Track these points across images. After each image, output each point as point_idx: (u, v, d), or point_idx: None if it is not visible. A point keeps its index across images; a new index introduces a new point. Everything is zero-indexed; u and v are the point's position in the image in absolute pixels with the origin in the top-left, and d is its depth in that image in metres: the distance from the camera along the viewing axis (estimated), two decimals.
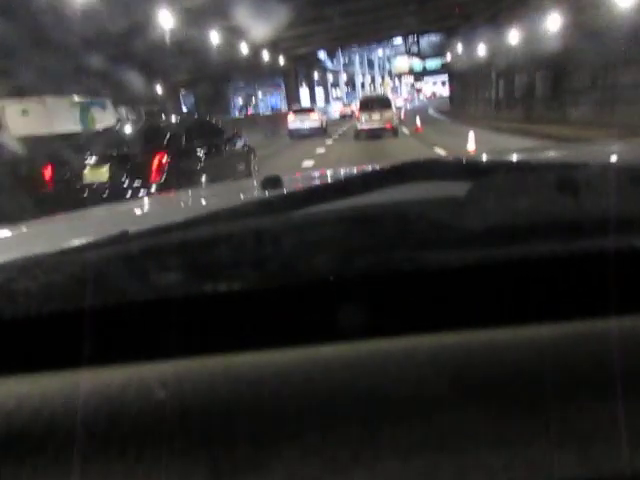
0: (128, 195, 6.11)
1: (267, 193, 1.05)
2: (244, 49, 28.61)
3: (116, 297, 0.46)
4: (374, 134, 17.86)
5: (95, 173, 6.36)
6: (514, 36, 20.55)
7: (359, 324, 0.44)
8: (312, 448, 0.38)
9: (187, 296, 0.46)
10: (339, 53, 60.87)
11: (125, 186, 6.27)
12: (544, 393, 0.39)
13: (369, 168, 1.21)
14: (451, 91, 41.81)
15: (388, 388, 0.40)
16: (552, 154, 1.47)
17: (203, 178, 6.96)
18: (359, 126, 18.65)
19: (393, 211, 0.56)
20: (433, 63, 62.45)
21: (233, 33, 26.33)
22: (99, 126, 15.46)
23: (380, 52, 75.26)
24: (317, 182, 1.33)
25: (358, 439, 0.38)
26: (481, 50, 25.67)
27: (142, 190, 6.16)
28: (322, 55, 51.99)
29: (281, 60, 33.35)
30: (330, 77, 59.01)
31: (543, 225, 0.50)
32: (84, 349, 0.44)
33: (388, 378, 0.40)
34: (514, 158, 1.26)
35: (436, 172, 0.73)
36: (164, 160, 6.31)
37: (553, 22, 16.99)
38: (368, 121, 18.28)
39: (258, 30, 24.26)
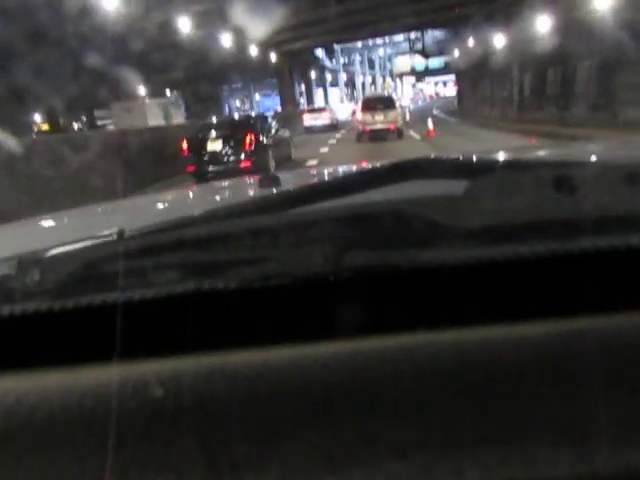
0: (232, 157, 10.36)
1: (265, 191, 1.05)
2: (230, 43, 25.44)
3: (114, 295, 0.47)
4: (378, 136, 16.75)
5: (213, 144, 10.48)
6: (544, 22, 17.27)
7: (356, 322, 0.45)
8: (309, 446, 0.38)
9: (184, 294, 0.46)
10: (338, 52, 57.60)
11: (230, 152, 10.42)
12: (539, 390, 0.39)
13: (367, 166, 1.23)
14: (458, 90, 38.60)
15: (385, 386, 0.40)
16: (549, 152, 1.45)
17: (270, 151, 11.04)
18: (361, 127, 17.55)
19: (391, 209, 0.56)
20: (436, 62, 60.09)
21: (216, 24, 23.33)
22: (174, 121, 22.14)
23: (381, 51, 72.42)
24: (315, 180, 1.33)
25: (355, 437, 0.38)
26: (499, 42, 22.38)
27: (240, 154, 10.37)
28: (320, 53, 48.82)
29: (273, 56, 30.13)
30: (329, 77, 55.58)
31: (540, 223, 0.51)
32: (81, 346, 0.44)
33: (385, 376, 0.41)
34: (511, 157, 1.24)
35: (434, 170, 0.73)
36: (252, 137, 10.49)
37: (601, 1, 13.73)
38: (371, 122, 17.26)
39: (245, 22, 21.98)
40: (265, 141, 11.05)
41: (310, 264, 0.48)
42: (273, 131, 12.02)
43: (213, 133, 10.75)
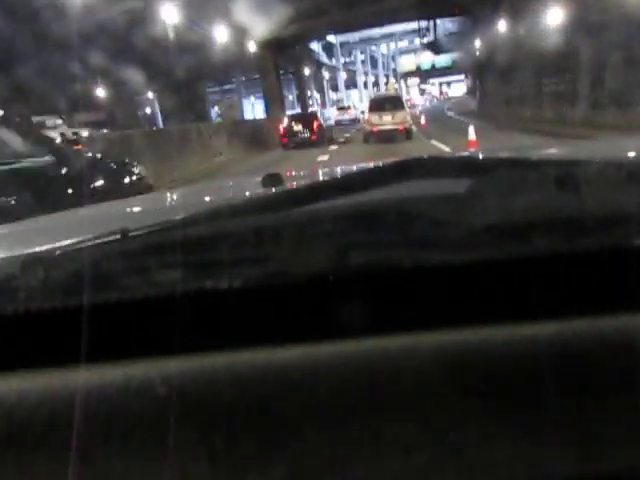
0: (306, 134, 19.14)
1: (268, 190, 1.06)
2: (209, 33, 20.08)
3: (117, 294, 0.47)
4: (386, 137, 16.11)
5: (296, 126, 19.26)
6: None
7: (360, 321, 0.45)
8: (313, 445, 0.38)
9: (187, 293, 0.46)
10: (337, 48, 51.64)
11: (306, 130, 19.03)
12: (544, 390, 0.39)
13: (370, 165, 1.24)
14: (480, 88, 32.68)
15: (388, 385, 0.40)
16: (553, 151, 1.46)
17: (324, 132, 20.13)
18: (368, 128, 17.27)
19: (394, 208, 0.57)
20: (443, 60, 56.45)
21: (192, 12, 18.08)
22: (258, 116, 38.55)
23: (384, 48, 67.15)
24: (318, 179, 1.34)
25: (359, 436, 0.38)
26: (554, 17, 16.44)
27: (311, 132, 19.13)
28: (316, 47, 43.00)
29: (251, 46, 24.17)
30: (326, 75, 49.26)
31: (544, 222, 0.51)
32: (85, 346, 0.45)
33: (388, 375, 0.41)
34: (515, 155, 1.25)
35: (437, 169, 0.74)
36: (317, 123, 19.73)
37: None
38: (379, 123, 16.84)
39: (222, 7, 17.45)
40: (322, 126, 20.58)
41: (313, 263, 0.48)
42: (325, 120, 23.49)
43: (296, 120, 19.92)
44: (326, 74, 47.62)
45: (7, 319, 0.46)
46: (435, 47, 44.90)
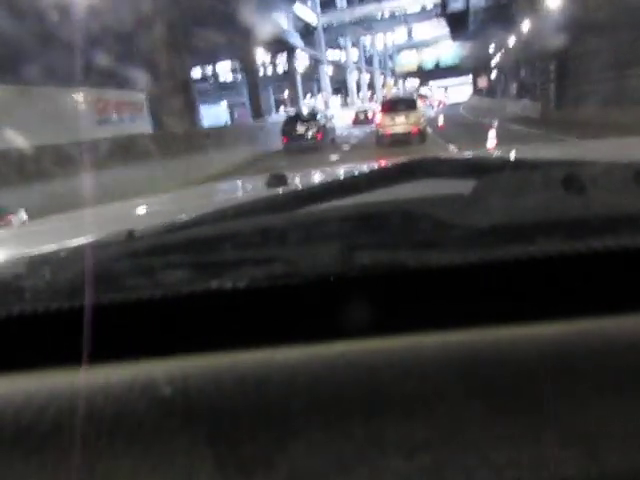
0: (367, 118, 31.06)
1: (272, 191, 1.06)
2: None
3: (123, 295, 0.48)
4: (398, 139, 15.53)
5: (361, 116, 32.99)
6: None
7: (364, 322, 0.45)
8: (317, 445, 0.39)
9: (192, 294, 0.47)
10: (320, 31, 38.33)
11: (365, 117, 32.01)
12: (548, 390, 0.39)
13: (374, 166, 1.25)
14: (557, 78, 19.83)
15: (393, 386, 0.41)
16: (557, 151, 1.48)
17: (373, 118, 25.59)
18: (381, 131, 16.45)
19: (398, 209, 0.57)
20: (449, 57, 50.82)
21: None
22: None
23: (380, 41, 55.19)
24: (322, 180, 1.33)
25: (363, 436, 0.39)
26: None
27: (369, 117, 30.49)
28: (284, 24, 30.04)
29: None
30: (301, 67, 35.66)
31: (548, 223, 0.51)
32: (91, 346, 0.45)
33: (393, 376, 0.41)
34: (519, 156, 1.24)
35: (441, 170, 0.74)
36: (372, 113, 27.94)
37: None
38: (391, 125, 16.13)
39: None
40: (369, 116, 29.25)
41: (318, 264, 0.49)
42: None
43: (360, 113, 32.48)
44: (301, 65, 34.44)
45: (14, 319, 0.46)
46: (462, 23, 32.95)
